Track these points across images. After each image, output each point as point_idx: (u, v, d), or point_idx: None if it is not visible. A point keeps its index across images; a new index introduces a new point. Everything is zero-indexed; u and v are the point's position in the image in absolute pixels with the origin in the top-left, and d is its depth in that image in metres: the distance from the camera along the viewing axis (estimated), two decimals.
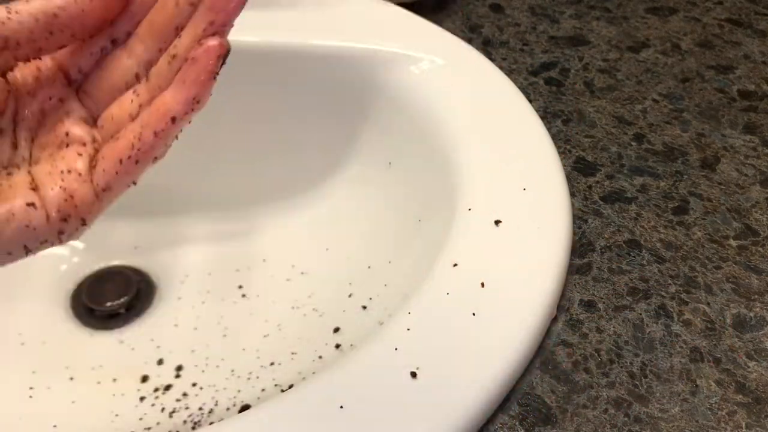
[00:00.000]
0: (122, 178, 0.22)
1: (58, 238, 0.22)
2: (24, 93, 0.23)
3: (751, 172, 0.41)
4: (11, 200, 0.21)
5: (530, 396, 0.30)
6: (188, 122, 0.22)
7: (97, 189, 0.22)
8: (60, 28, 0.22)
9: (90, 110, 0.24)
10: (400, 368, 0.28)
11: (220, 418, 0.38)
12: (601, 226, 0.37)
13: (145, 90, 0.23)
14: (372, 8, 0.47)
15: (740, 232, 0.37)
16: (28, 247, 0.22)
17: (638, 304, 0.34)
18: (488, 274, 0.32)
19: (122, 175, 0.22)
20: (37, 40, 0.22)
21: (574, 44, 0.50)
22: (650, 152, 0.42)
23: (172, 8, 0.23)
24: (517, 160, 0.38)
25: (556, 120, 0.44)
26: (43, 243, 0.22)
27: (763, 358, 0.32)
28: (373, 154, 0.46)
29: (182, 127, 0.22)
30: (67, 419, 0.39)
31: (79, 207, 0.22)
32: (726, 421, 0.29)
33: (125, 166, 0.22)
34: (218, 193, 0.50)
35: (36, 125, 0.23)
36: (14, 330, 0.43)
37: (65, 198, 0.22)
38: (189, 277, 0.47)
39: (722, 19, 0.53)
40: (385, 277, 0.42)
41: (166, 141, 0.22)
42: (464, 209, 0.35)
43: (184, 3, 0.22)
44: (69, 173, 0.22)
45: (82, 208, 0.22)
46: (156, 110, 0.22)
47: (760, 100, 0.46)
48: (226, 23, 0.22)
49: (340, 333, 0.40)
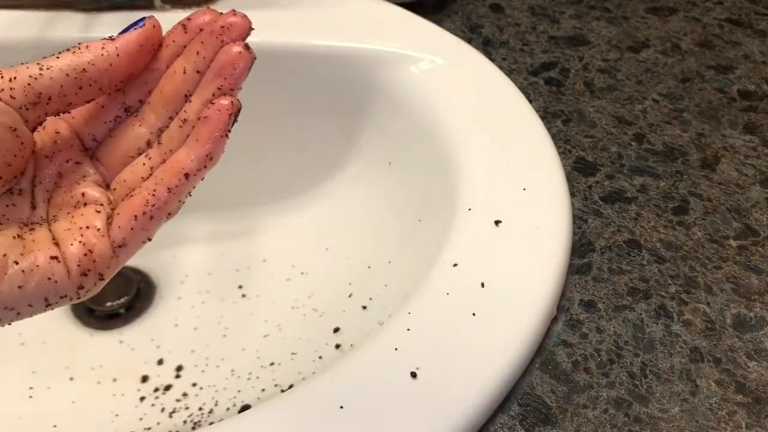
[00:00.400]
0: (137, 234, 0.23)
1: (77, 293, 0.22)
2: (42, 156, 0.24)
3: (751, 172, 0.41)
4: (35, 253, 0.21)
5: (530, 396, 0.30)
6: (201, 179, 0.23)
7: (114, 245, 0.23)
8: (89, 82, 0.23)
9: (103, 176, 0.25)
10: (400, 368, 0.28)
11: (220, 418, 0.38)
12: (601, 226, 0.37)
13: (157, 153, 0.24)
14: (372, 8, 0.47)
15: (740, 232, 0.37)
16: (49, 301, 0.22)
17: (638, 304, 0.34)
18: (488, 274, 0.32)
19: (137, 231, 0.23)
20: (68, 95, 0.22)
21: (574, 44, 0.50)
22: (650, 152, 0.42)
23: (181, 76, 0.24)
24: (517, 160, 0.38)
25: (556, 120, 0.44)
26: (63, 298, 0.22)
27: (763, 358, 0.32)
28: (373, 154, 0.46)
29: (195, 184, 0.23)
30: (67, 419, 0.39)
31: (98, 262, 0.22)
32: (726, 421, 0.29)
33: (140, 222, 0.23)
34: (218, 193, 0.50)
35: (53, 187, 0.24)
36: (14, 330, 0.43)
37: (84, 253, 0.22)
38: (189, 277, 0.47)
39: (722, 19, 0.53)
40: (385, 277, 0.42)
41: (179, 197, 0.23)
42: (464, 209, 0.35)
43: (191, 71, 0.24)
44: (88, 229, 0.22)
45: (101, 263, 0.22)
46: (170, 167, 0.23)
47: (760, 100, 0.46)
48: (233, 87, 0.23)
49: (340, 333, 0.40)
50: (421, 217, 0.42)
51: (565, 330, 0.32)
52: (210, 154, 0.23)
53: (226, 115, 0.23)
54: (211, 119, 0.23)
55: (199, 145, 0.23)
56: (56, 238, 0.22)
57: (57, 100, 0.22)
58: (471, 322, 0.30)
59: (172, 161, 0.23)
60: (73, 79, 0.22)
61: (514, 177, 0.37)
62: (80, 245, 0.22)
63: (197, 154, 0.23)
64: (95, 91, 0.23)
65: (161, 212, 0.23)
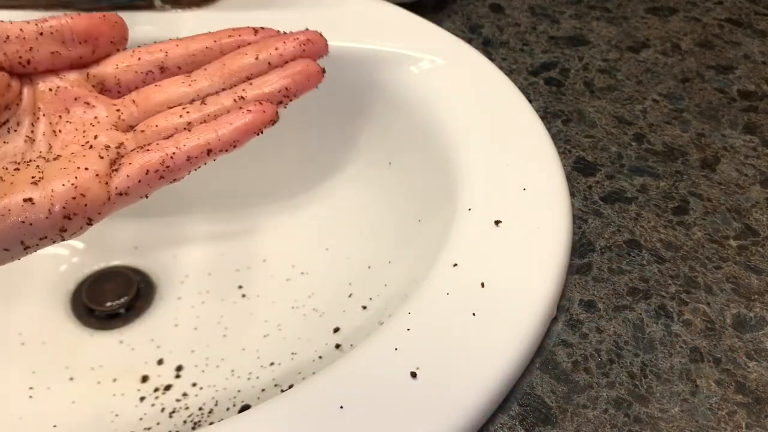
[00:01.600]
0: (141, 188, 0.23)
1: (60, 236, 0.22)
2: (46, 90, 0.24)
3: (751, 172, 0.41)
4: (9, 196, 0.21)
5: (530, 396, 0.30)
6: (215, 159, 0.24)
7: (113, 191, 0.23)
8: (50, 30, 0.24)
9: (129, 116, 0.25)
10: (400, 368, 0.28)
11: (220, 418, 0.38)
12: (601, 226, 0.37)
13: (197, 111, 0.25)
14: (372, 8, 0.47)
15: (740, 232, 0.37)
16: (26, 243, 0.22)
17: (638, 304, 0.34)
18: (488, 274, 0.32)
19: (143, 185, 0.23)
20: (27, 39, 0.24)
21: (574, 44, 0.50)
22: (650, 152, 0.42)
23: (251, 60, 0.25)
24: (517, 160, 0.38)
25: (556, 120, 0.44)
26: (42, 239, 0.22)
27: (763, 358, 0.32)
28: (373, 154, 0.46)
29: (209, 162, 0.24)
30: (67, 419, 0.39)
31: (89, 206, 0.22)
32: (726, 421, 0.29)
33: (149, 177, 0.23)
34: (218, 193, 0.50)
35: (58, 123, 0.24)
36: (14, 330, 0.43)
37: (74, 195, 0.22)
38: (189, 277, 0.47)
39: (722, 19, 0.53)
40: (385, 277, 0.42)
41: (193, 168, 0.24)
42: (464, 209, 0.35)
43: (263, 61, 0.25)
44: (86, 171, 0.22)
45: (92, 207, 0.22)
46: (196, 138, 0.24)
47: (760, 100, 0.46)
48: (295, 96, 0.25)
49: (340, 333, 0.40)
50: (421, 217, 0.42)
51: (565, 330, 0.32)
52: (237, 143, 0.24)
53: (267, 119, 0.24)
54: (255, 115, 0.24)
55: (232, 131, 0.24)
56: (44, 177, 0.22)
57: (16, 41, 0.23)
58: (471, 322, 0.30)
59: (201, 133, 0.24)
60: (34, 25, 0.24)
61: (514, 177, 0.37)
62: (71, 187, 0.22)
63: (227, 138, 0.24)
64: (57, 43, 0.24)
65: (171, 176, 0.24)
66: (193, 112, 0.25)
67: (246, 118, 0.24)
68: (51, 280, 0.46)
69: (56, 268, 0.47)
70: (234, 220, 0.49)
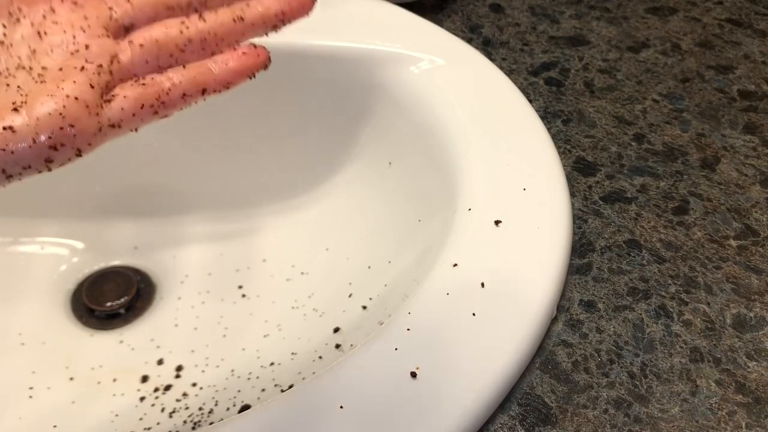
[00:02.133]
0: (134, 121, 0.23)
1: (46, 166, 0.21)
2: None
3: (751, 172, 0.41)
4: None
5: (530, 396, 0.30)
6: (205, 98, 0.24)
7: (105, 123, 0.22)
8: None
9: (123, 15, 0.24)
10: (400, 368, 0.28)
11: (220, 418, 0.38)
12: (601, 226, 0.37)
13: (195, 28, 0.24)
14: (372, 8, 0.47)
15: (740, 232, 0.37)
16: (9, 172, 0.20)
17: (638, 304, 0.34)
18: (488, 274, 0.32)
19: (136, 119, 0.23)
20: None
21: (574, 44, 0.50)
22: (650, 152, 0.42)
23: None
24: (517, 160, 0.38)
25: (556, 120, 0.44)
26: (26, 168, 0.21)
27: (763, 358, 0.32)
28: (373, 154, 0.46)
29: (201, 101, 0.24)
30: (67, 419, 0.39)
31: (78, 137, 0.21)
32: (726, 421, 0.29)
33: (143, 111, 0.23)
34: (218, 193, 0.50)
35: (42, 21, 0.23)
36: (14, 330, 0.43)
37: (61, 126, 0.21)
38: (189, 277, 0.47)
39: (722, 19, 0.53)
40: (385, 277, 0.41)
41: (186, 105, 0.24)
42: (464, 209, 0.35)
43: None
44: (76, 100, 0.21)
45: (81, 138, 0.21)
46: (193, 77, 0.24)
47: (760, 100, 0.46)
48: (290, 21, 0.25)
49: (340, 333, 0.40)
50: (421, 217, 0.42)
51: (565, 330, 0.32)
52: (231, 84, 0.24)
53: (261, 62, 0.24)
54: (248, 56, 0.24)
55: (227, 72, 0.24)
56: (29, 102, 0.21)
57: None
58: (471, 322, 0.30)
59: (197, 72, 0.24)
60: None
61: (514, 177, 0.37)
62: (59, 117, 0.21)
63: (223, 78, 0.24)
64: None
65: (165, 111, 0.23)
66: (192, 27, 0.24)
67: (241, 59, 0.24)
68: (51, 280, 0.46)
69: (56, 268, 0.47)
70: (234, 220, 0.49)
